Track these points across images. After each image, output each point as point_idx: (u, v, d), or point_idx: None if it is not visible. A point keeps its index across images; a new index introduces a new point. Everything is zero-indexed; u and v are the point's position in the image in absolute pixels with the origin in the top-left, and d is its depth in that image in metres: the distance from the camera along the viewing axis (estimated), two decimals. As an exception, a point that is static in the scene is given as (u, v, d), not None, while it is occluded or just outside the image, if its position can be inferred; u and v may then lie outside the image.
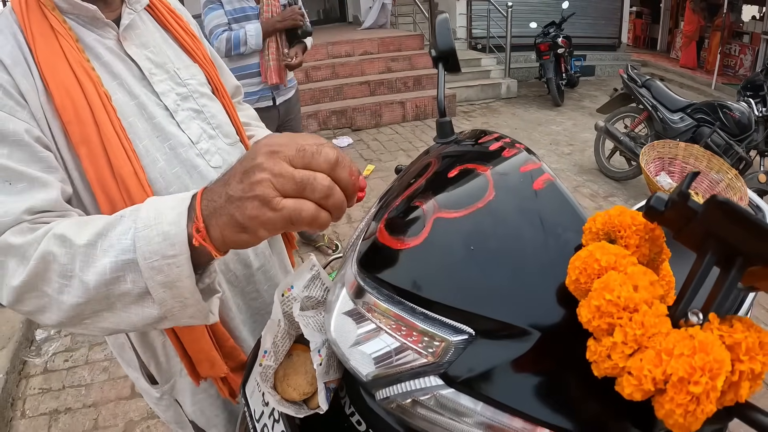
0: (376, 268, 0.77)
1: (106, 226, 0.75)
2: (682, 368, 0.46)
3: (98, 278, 0.72)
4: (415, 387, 0.68)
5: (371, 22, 10.24)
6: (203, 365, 1.14)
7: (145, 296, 0.73)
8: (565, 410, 0.63)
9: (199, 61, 1.22)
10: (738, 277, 0.50)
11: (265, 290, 1.31)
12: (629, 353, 0.50)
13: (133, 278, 0.72)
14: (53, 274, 0.75)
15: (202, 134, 1.13)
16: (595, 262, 0.56)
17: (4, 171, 0.85)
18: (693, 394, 0.46)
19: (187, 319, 0.78)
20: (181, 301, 0.74)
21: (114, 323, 0.77)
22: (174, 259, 0.69)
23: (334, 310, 0.81)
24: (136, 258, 0.70)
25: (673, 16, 14.40)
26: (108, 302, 0.74)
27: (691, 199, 0.50)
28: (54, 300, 0.76)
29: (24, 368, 3.48)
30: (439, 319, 0.69)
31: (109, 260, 0.72)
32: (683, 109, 5.13)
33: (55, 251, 0.75)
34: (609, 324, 0.52)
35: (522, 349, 0.65)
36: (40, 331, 3.81)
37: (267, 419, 0.98)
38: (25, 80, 0.91)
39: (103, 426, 2.92)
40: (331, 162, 0.64)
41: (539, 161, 0.81)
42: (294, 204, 0.62)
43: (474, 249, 0.71)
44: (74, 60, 0.96)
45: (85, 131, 0.94)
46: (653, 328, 0.49)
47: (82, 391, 3.19)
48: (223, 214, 0.65)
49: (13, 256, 0.79)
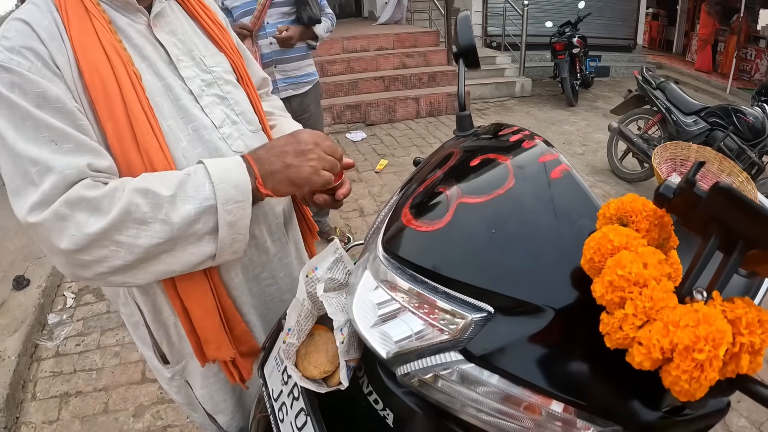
0: (401, 249, 0.81)
1: (180, 182, 0.96)
2: (688, 337, 0.50)
3: (183, 220, 0.94)
4: (437, 362, 0.72)
5: (387, 17, 10.24)
6: (210, 346, 1.17)
7: (205, 236, 0.98)
8: (578, 384, 0.67)
9: (226, 51, 1.26)
10: (739, 259, 0.55)
11: (281, 278, 1.33)
12: (639, 325, 0.55)
13: (206, 219, 0.96)
14: (131, 223, 0.91)
15: (225, 119, 1.17)
16: (608, 242, 0.61)
17: (51, 132, 0.91)
18: (697, 361, 0.50)
19: (229, 254, 1.03)
20: (234, 238, 1.01)
21: (169, 263, 0.98)
22: (242, 203, 0.99)
23: (356, 291, 0.84)
24: (216, 204, 0.96)
25: (689, 18, 14.25)
26: (174, 243, 0.95)
27: (697, 186, 0.55)
28: (127, 245, 0.92)
29: (36, 351, 3.50)
30: (461, 297, 0.73)
31: (193, 206, 0.95)
32: (697, 113, 5.12)
33: (139, 202, 0.91)
34: (621, 298, 0.57)
35: (538, 326, 0.69)
36: (53, 316, 3.83)
37: (286, 398, 1.02)
38: (59, 55, 0.95)
39: (113, 410, 2.95)
40: (340, 154, 1.11)
41: (557, 153, 0.86)
42: (329, 175, 1.06)
43: (495, 232, 0.76)
44: (106, 40, 1.00)
45: (111, 108, 0.98)
46: (661, 302, 0.55)
47: (93, 375, 3.22)
48: (280, 175, 1.03)
49: (83, 209, 0.89)
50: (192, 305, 1.11)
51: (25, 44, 0.92)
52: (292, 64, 3.53)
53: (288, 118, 1.54)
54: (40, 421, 2.94)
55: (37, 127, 0.90)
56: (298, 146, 1.05)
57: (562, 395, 0.66)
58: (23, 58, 0.91)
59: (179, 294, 1.10)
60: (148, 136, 1.01)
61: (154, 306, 1.17)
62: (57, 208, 0.88)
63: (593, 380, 0.68)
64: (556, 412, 0.67)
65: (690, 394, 0.53)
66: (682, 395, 0.53)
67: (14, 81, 0.89)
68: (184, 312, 1.13)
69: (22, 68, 0.90)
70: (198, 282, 1.10)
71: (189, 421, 2.82)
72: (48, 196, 0.89)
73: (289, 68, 3.52)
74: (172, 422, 2.83)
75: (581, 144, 6.96)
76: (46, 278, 4.18)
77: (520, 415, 0.69)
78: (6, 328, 3.57)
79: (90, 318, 3.82)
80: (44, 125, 0.91)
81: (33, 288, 4.06)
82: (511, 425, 0.69)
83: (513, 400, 0.68)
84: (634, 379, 0.64)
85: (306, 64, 3.62)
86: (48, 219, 0.88)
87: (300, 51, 3.53)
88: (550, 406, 0.67)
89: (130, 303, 1.20)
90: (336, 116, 7.38)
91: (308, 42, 3.56)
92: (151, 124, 1.02)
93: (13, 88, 0.89)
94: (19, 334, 3.49)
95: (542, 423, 0.68)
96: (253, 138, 1.23)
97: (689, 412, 0.67)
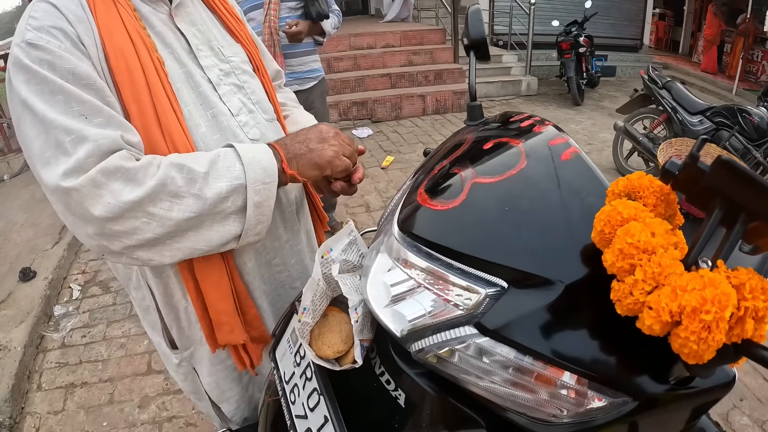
0: (416, 227, 0.84)
1: (212, 161, 1.00)
2: (695, 300, 0.53)
3: (216, 197, 0.97)
4: (452, 336, 0.74)
5: (393, 15, 10.26)
6: (223, 329, 1.18)
7: (231, 216, 1.02)
8: (589, 356, 0.69)
9: (242, 42, 1.29)
10: (741, 230, 0.58)
11: (291, 264, 1.36)
12: (648, 290, 0.58)
13: (234, 198, 1.00)
14: (166, 195, 0.94)
15: (242, 108, 1.19)
16: (618, 214, 0.63)
17: (82, 106, 0.92)
18: (705, 322, 0.53)
19: (253, 236, 1.07)
20: (259, 219, 1.05)
21: (194, 241, 1.00)
22: (269, 185, 1.03)
23: (370, 273, 0.87)
24: (246, 183, 1.00)
25: (696, 19, 14.22)
26: (202, 220, 0.98)
27: (700, 161, 0.58)
28: (159, 218, 0.94)
29: (42, 342, 3.51)
30: (475, 273, 0.75)
31: (225, 184, 0.98)
32: (703, 112, 5.12)
33: (174, 175, 0.95)
34: (630, 265, 0.60)
35: (549, 299, 0.71)
36: (59, 307, 3.85)
37: (298, 379, 1.04)
38: (86, 37, 0.97)
39: (118, 400, 2.96)
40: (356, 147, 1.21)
41: (567, 136, 0.89)
42: (348, 161, 1.16)
43: (508, 210, 0.79)
44: (131, 26, 1.02)
45: (136, 91, 1.00)
46: (669, 268, 0.57)
47: (98, 366, 3.24)
48: (304, 158, 1.11)
49: (119, 179, 0.91)
50: (207, 288, 1.14)
51: (53, 24, 0.94)
52: (298, 59, 3.54)
53: (300, 109, 1.58)
54: (45, 411, 2.96)
55: (67, 100, 0.91)
56: (320, 134, 1.14)
57: (574, 366, 0.69)
58: (52, 37, 0.93)
59: (195, 276, 1.12)
60: (171, 119, 1.03)
61: (166, 289, 1.19)
62: (94, 175, 0.89)
63: (603, 352, 0.70)
64: (569, 383, 0.69)
65: (698, 356, 0.55)
66: (690, 357, 0.56)
67: (43, 57, 0.91)
68: (198, 295, 1.15)
69: (52, 46, 0.92)
70: (215, 264, 1.12)
71: (194, 412, 2.84)
72: (83, 164, 0.89)
73: (295, 63, 3.54)
74: (177, 413, 2.85)
75: (587, 143, 6.97)
76: (52, 270, 4.21)
77: (534, 387, 0.71)
78: (12, 319, 3.60)
79: (96, 310, 3.84)
80: (75, 99, 0.92)
81: (39, 280, 4.09)
82: (526, 396, 0.72)
83: (527, 372, 0.71)
84: (643, 351, 0.67)
85: (312, 59, 3.64)
86: (84, 185, 0.89)
87: (306, 46, 3.54)
88: (562, 377, 0.69)
89: (143, 286, 1.22)
90: (342, 113, 7.40)
91: (315, 38, 3.57)
92: (174, 108, 1.05)
93: (42, 63, 0.90)
94: (25, 326, 3.52)
95: (556, 394, 0.70)
96: (268, 126, 1.25)
97: (696, 384, 0.70)
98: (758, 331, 0.56)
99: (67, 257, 4.54)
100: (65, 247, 4.62)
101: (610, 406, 0.69)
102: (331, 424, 0.89)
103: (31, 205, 5.78)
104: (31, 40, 0.91)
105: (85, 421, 2.86)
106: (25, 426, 2.88)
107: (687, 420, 0.77)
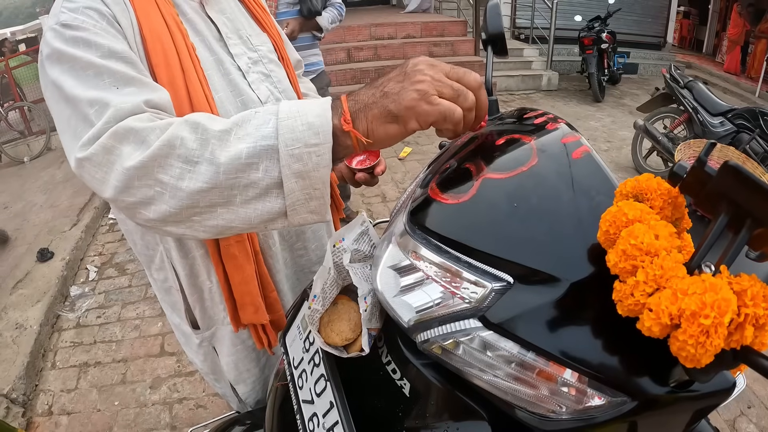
0: (427, 221, 0.85)
1: (242, 118, 0.80)
2: (694, 304, 0.54)
3: (231, 163, 0.76)
4: (457, 329, 0.75)
5: (415, 5, 10.24)
6: (247, 310, 1.21)
7: (270, 189, 0.78)
8: (590, 355, 0.70)
9: (268, 31, 1.32)
10: (747, 236, 0.58)
11: (312, 249, 1.38)
12: (650, 292, 0.59)
13: (266, 166, 0.76)
14: (175, 160, 0.77)
15: (270, 96, 1.21)
16: (623, 215, 0.64)
17: (113, 77, 0.88)
18: (703, 327, 0.53)
19: (306, 213, 0.82)
20: (309, 193, 0.79)
21: (227, 220, 0.80)
22: (316, 148, 0.76)
23: (381, 263, 0.88)
24: (278, 144, 0.76)
25: (721, 18, 14.00)
26: (229, 193, 0.78)
27: (708, 165, 0.58)
28: (170, 187, 0.77)
29: (57, 322, 3.61)
30: (482, 267, 0.76)
31: (246, 145, 0.76)
32: (724, 114, 5.08)
33: (185, 135, 0.77)
34: (633, 266, 0.61)
35: (554, 296, 0.72)
36: (75, 288, 3.93)
37: (306, 365, 1.06)
38: (123, 18, 0.98)
39: (130, 381, 3.04)
40: (478, 82, 0.81)
41: (579, 135, 0.89)
42: (449, 104, 0.76)
43: (517, 206, 0.79)
44: (166, 11, 1.04)
45: (171, 74, 1.01)
46: (671, 271, 0.58)
47: (112, 347, 3.33)
48: (374, 107, 0.77)
49: (131, 141, 0.79)
50: (232, 270, 1.16)
51: (88, 5, 0.94)
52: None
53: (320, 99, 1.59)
54: (58, 389, 3.03)
55: (99, 74, 0.88)
56: (404, 69, 0.79)
57: (575, 364, 0.69)
58: (87, 17, 0.93)
59: (222, 258, 1.15)
60: (203, 104, 1.04)
61: (192, 270, 1.22)
62: (105, 140, 0.80)
63: (605, 352, 0.70)
64: (570, 380, 0.70)
65: (696, 360, 0.56)
66: (688, 361, 0.57)
67: (77, 36, 0.90)
68: (224, 276, 1.17)
69: (87, 25, 0.92)
70: (241, 246, 1.15)
71: (205, 394, 2.89)
72: (99, 131, 0.81)
73: None
74: (188, 395, 2.91)
75: (606, 140, 6.94)
76: (69, 251, 4.29)
77: (536, 382, 0.72)
78: (29, 298, 3.68)
79: (112, 291, 3.92)
80: (106, 72, 0.88)
81: (57, 260, 4.17)
82: (528, 392, 0.72)
83: (529, 367, 0.71)
84: (644, 353, 0.67)
85: (310, 53, 3.68)
86: (96, 153, 0.80)
87: (303, 41, 3.58)
88: (563, 374, 0.70)
89: (166, 267, 1.24)
90: (361, 102, 7.37)
91: (313, 33, 3.61)
92: (206, 94, 1.06)
93: (77, 42, 0.90)
94: (41, 305, 3.60)
95: (556, 390, 0.71)
96: None
97: (696, 388, 0.70)
98: (759, 339, 0.56)
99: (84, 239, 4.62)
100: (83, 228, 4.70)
101: (608, 405, 0.69)
102: (336, 409, 0.91)
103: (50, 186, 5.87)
104: (66, 21, 0.91)
105: (98, 399, 2.92)
106: (38, 403, 2.94)
107: (687, 423, 0.78)
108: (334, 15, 3.67)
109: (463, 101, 0.78)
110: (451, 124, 0.77)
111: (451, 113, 0.76)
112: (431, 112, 0.75)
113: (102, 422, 2.78)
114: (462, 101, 0.78)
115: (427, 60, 0.79)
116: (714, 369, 0.59)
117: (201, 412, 2.79)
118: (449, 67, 0.79)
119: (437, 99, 0.75)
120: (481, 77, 0.78)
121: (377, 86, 0.79)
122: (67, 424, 2.80)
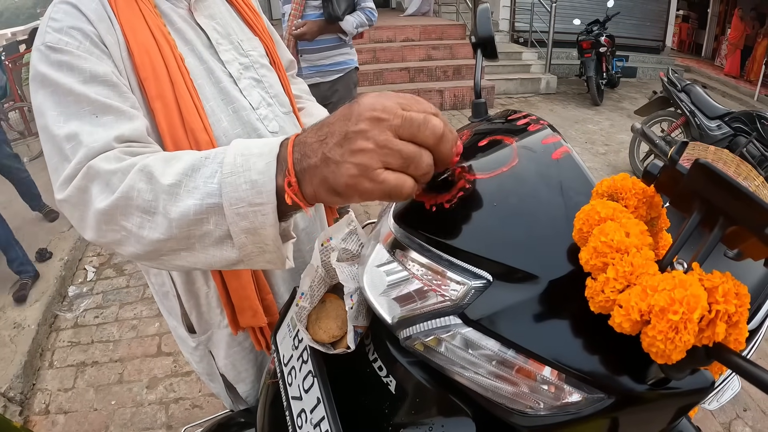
0: (411, 221, 0.86)
1: (192, 166, 0.76)
2: (663, 300, 0.55)
3: (182, 218, 0.74)
4: (437, 325, 0.76)
5: (414, 9, 10.27)
6: (245, 314, 1.22)
7: (225, 240, 0.75)
8: (567, 351, 0.71)
9: (260, 35, 1.32)
10: (720, 234, 0.59)
11: (307, 251, 1.38)
12: (620, 289, 0.60)
13: (216, 221, 0.74)
14: (134, 210, 0.77)
15: (261, 101, 1.22)
16: (596, 213, 0.65)
17: (92, 105, 0.91)
18: (672, 323, 0.54)
19: (263, 263, 0.80)
20: (261, 247, 0.76)
21: (191, 262, 0.80)
22: (260, 207, 0.71)
23: (368, 262, 0.89)
24: (222, 203, 0.72)
25: (720, 22, 14.07)
26: (188, 242, 0.77)
27: (679, 164, 0.60)
28: (134, 234, 0.78)
29: (55, 322, 3.63)
30: (462, 265, 0.78)
31: (194, 202, 0.73)
32: (721, 117, 5.10)
33: (141, 187, 0.77)
34: (603, 263, 0.62)
35: (532, 293, 0.73)
36: (73, 288, 3.95)
37: (295, 362, 1.07)
38: (108, 35, 0.99)
39: (127, 380, 3.06)
40: (437, 136, 0.65)
41: (559, 136, 0.91)
42: (396, 179, 0.64)
43: (496, 205, 0.81)
44: (153, 23, 1.04)
45: (160, 87, 1.02)
46: (641, 268, 0.59)
47: (110, 347, 3.35)
48: (316, 175, 0.67)
49: (98, 182, 0.81)
50: (229, 276, 1.17)
51: (73, 25, 0.96)
52: (318, 54, 3.63)
53: (313, 101, 1.62)
54: (55, 388, 3.05)
55: (78, 101, 0.90)
56: (347, 123, 0.64)
57: (552, 360, 0.70)
58: (71, 38, 0.94)
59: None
60: (193, 116, 1.05)
61: (188, 276, 1.22)
62: (78, 181, 0.83)
63: (582, 349, 0.71)
64: (548, 377, 0.71)
65: (666, 355, 0.57)
66: (659, 357, 0.58)
67: (62, 60, 0.92)
68: (220, 281, 1.18)
69: (71, 47, 0.93)
70: None
71: (201, 394, 2.90)
72: (74, 170, 0.84)
73: (314, 58, 3.63)
74: (184, 395, 2.92)
75: (604, 144, 6.95)
76: (68, 251, 4.31)
77: (515, 379, 0.73)
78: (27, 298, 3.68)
79: (109, 291, 3.93)
80: (85, 99, 0.91)
81: (55, 260, 4.19)
82: (508, 389, 0.73)
83: (509, 365, 0.72)
84: (621, 351, 0.68)
85: (337, 53, 3.70)
86: (72, 195, 0.84)
87: (328, 42, 3.62)
88: (542, 371, 0.71)
89: (163, 273, 1.24)
90: (360, 106, 7.41)
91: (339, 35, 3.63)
92: (196, 105, 1.06)
93: (61, 66, 0.92)
94: (39, 305, 3.61)
95: (535, 387, 0.72)
96: (285, 119, 1.28)
97: (673, 386, 0.71)
98: (733, 336, 0.57)
99: (82, 239, 4.62)
100: (82, 229, 4.69)
101: (585, 402, 0.70)
102: (323, 405, 0.92)
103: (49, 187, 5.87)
104: (50, 43, 0.93)
105: (94, 399, 2.93)
106: (35, 401, 2.95)
107: (670, 420, 0.79)
108: (361, 20, 3.67)
109: (414, 170, 0.65)
110: (402, 199, 0.67)
111: (398, 191, 0.64)
112: (374, 191, 0.64)
113: (99, 421, 2.79)
114: (414, 170, 0.65)
115: (373, 110, 0.63)
116: (686, 366, 0.60)
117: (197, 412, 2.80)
118: (401, 118, 0.63)
119: (381, 175, 0.63)
120: (444, 123, 0.66)
121: (322, 139, 0.67)
122: (64, 423, 2.82)
